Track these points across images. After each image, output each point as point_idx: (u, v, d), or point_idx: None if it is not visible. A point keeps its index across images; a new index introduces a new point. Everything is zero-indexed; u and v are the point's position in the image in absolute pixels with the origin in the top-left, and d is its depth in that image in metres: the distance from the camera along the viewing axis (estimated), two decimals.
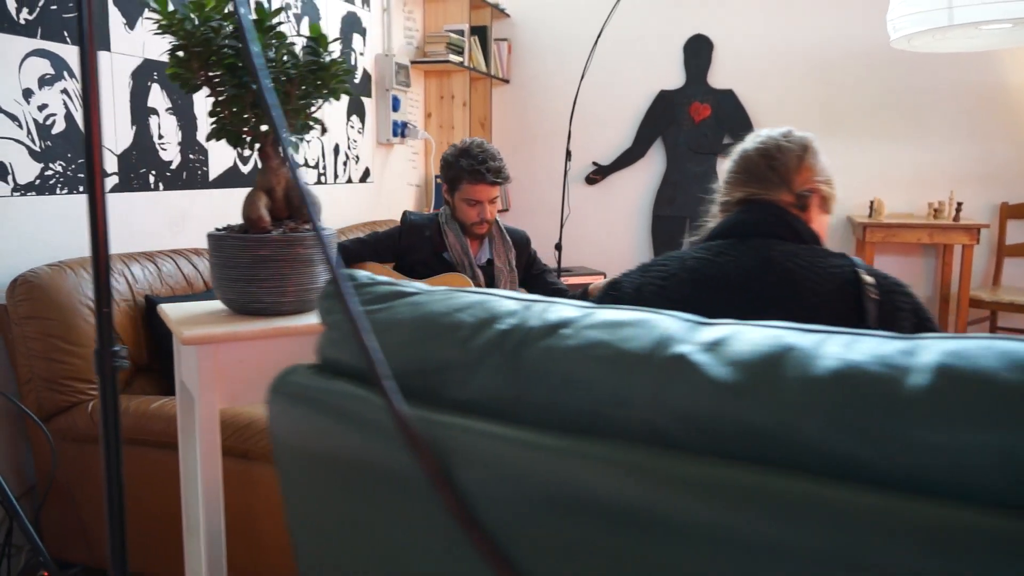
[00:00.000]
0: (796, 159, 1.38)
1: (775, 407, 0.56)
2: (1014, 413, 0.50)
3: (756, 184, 1.38)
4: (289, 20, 3.15)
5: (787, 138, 1.42)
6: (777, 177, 1.37)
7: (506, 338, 0.69)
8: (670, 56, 4.71)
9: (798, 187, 1.36)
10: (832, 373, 0.56)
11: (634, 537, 0.58)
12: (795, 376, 0.57)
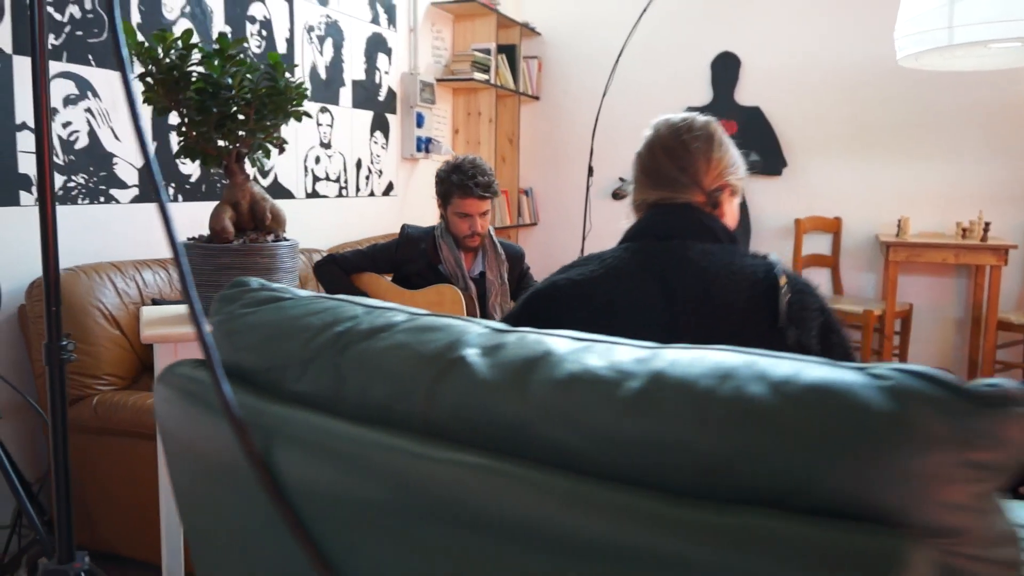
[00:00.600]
0: (704, 158, 1.34)
1: (521, 404, 0.64)
2: (701, 413, 0.57)
3: (667, 188, 1.34)
4: (313, 42, 3.31)
5: (691, 131, 1.37)
6: (687, 178, 1.33)
7: (339, 339, 0.78)
8: (698, 73, 4.74)
9: (709, 186, 1.34)
10: (569, 376, 0.63)
11: (410, 515, 0.66)
12: (541, 378, 0.64)
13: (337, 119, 3.51)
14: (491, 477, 0.62)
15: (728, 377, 0.58)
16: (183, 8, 2.64)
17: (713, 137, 1.37)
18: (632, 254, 1.30)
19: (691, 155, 1.34)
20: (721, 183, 1.35)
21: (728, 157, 1.38)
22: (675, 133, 1.37)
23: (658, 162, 1.37)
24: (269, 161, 1.56)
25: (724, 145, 1.38)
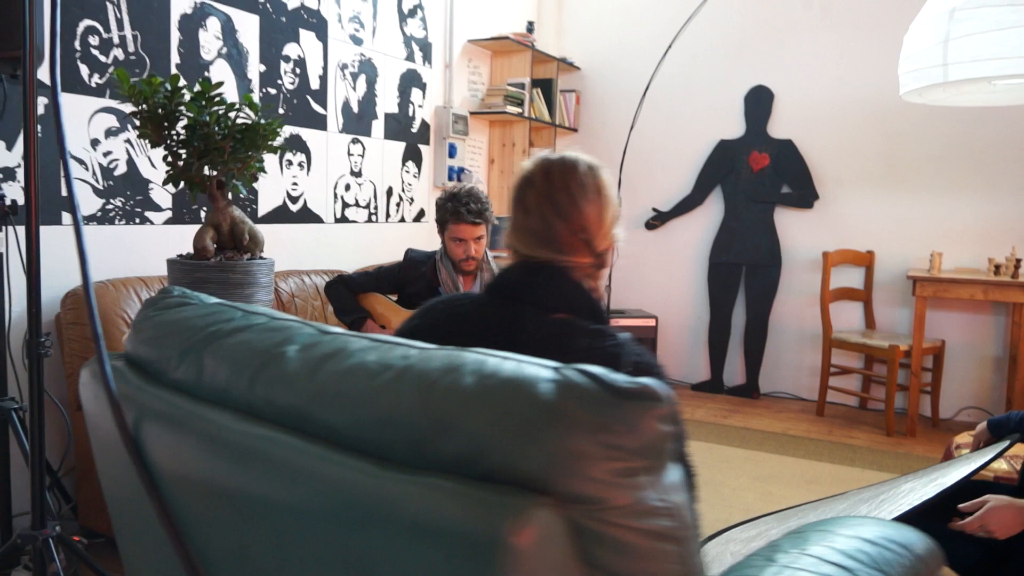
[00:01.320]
0: (597, 218, 1.20)
1: (309, 389, 0.79)
2: (422, 397, 0.71)
3: (546, 245, 1.19)
4: (346, 79, 3.56)
5: (581, 184, 1.20)
6: (579, 241, 1.18)
7: (209, 336, 0.95)
8: (731, 106, 4.80)
9: (600, 248, 1.21)
10: (348, 367, 0.78)
11: (234, 482, 0.81)
12: (329, 369, 0.79)
13: (368, 149, 3.75)
14: (283, 449, 0.76)
15: (454, 370, 0.72)
16: (220, 50, 2.92)
17: (603, 191, 1.22)
18: (477, 308, 1.19)
19: (585, 220, 1.19)
20: (609, 243, 1.22)
21: (614, 206, 1.24)
22: (567, 189, 1.20)
23: (547, 220, 1.19)
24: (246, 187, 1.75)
25: (612, 194, 1.24)
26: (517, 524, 0.59)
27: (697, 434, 3.89)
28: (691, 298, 5.01)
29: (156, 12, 2.66)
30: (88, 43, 2.45)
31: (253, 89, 3.08)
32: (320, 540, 0.72)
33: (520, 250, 1.24)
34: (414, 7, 3.99)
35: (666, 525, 0.66)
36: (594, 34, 5.20)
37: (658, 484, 0.66)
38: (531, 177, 1.23)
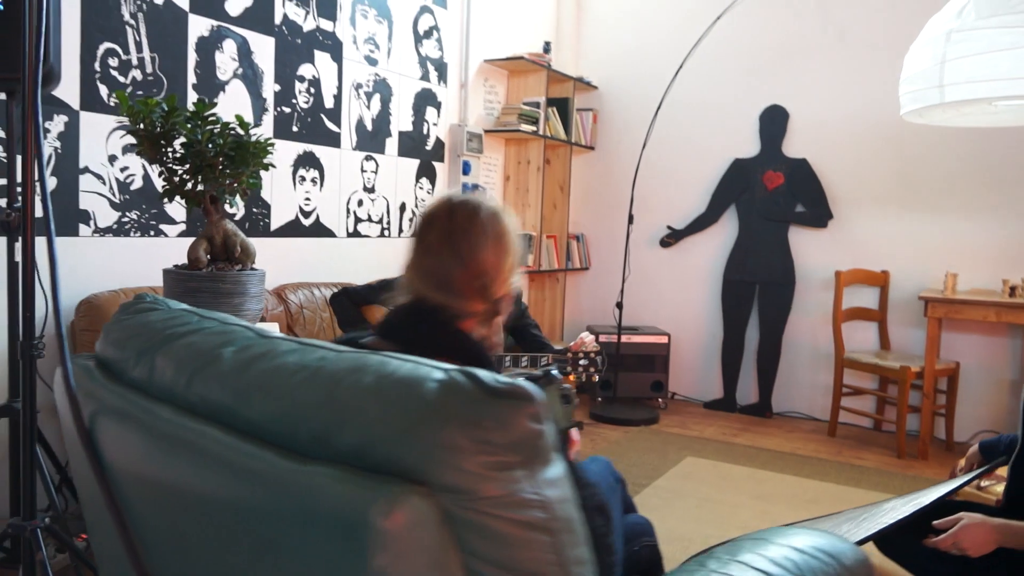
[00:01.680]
0: (495, 265, 1.16)
1: (237, 386, 0.86)
2: (328, 395, 0.77)
3: (439, 289, 1.15)
4: (360, 98, 3.68)
5: (483, 229, 1.16)
6: (475, 287, 1.15)
7: (164, 338, 1.03)
8: (746, 125, 4.83)
9: (496, 295, 1.18)
10: (271, 368, 0.85)
11: (170, 471, 0.89)
12: (257, 368, 0.86)
13: (382, 166, 3.86)
14: (209, 442, 0.84)
15: (359, 370, 0.78)
16: (235, 70, 3.05)
17: (503, 238, 1.18)
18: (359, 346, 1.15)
19: (484, 266, 1.15)
20: (507, 290, 1.19)
21: (514, 252, 1.20)
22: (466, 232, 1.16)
23: (444, 262, 1.16)
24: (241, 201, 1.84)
25: (513, 240, 1.20)
26: (387, 510, 0.65)
27: (703, 451, 3.90)
28: (705, 316, 5.01)
29: (174, 35, 2.80)
30: (108, 64, 2.59)
31: (268, 108, 3.20)
32: (238, 525, 0.79)
33: (416, 287, 1.19)
34: (430, 28, 4.10)
35: (539, 516, 0.72)
36: (612, 54, 5.27)
37: (534, 478, 0.72)
38: (434, 216, 1.20)
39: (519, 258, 1.22)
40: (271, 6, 3.17)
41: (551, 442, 0.74)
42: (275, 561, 0.74)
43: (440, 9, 4.16)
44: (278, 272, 3.28)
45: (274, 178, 3.26)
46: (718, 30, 4.69)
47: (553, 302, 5.17)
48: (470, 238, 1.16)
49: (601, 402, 4.78)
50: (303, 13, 3.33)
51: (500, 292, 1.19)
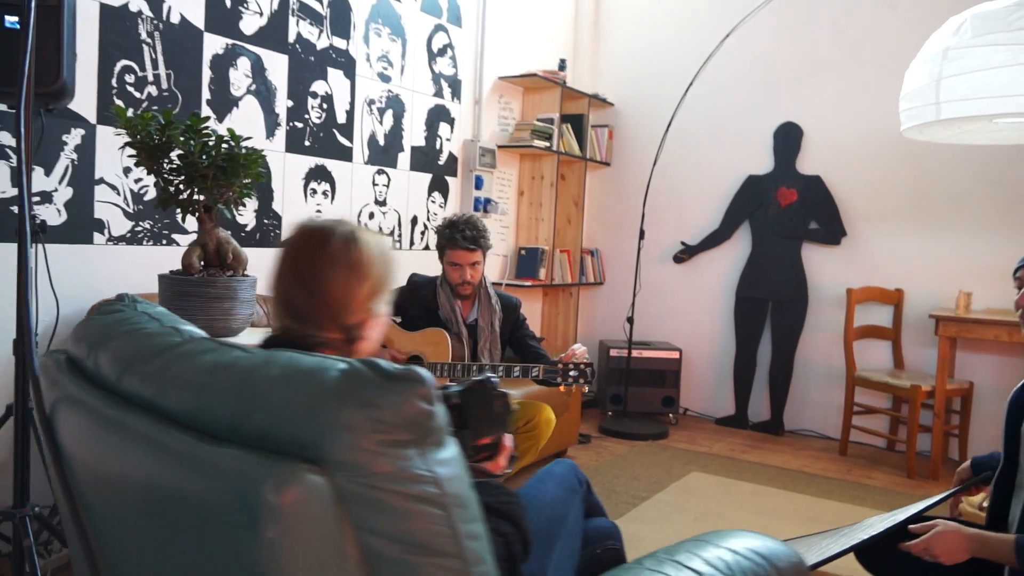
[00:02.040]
0: (344, 292, 1.15)
1: (162, 379, 0.93)
2: (242, 385, 0.84)
3: (293, 318, 1.17)
4: (373, 114, 3.78)
5: (330, 256, 1.16)
6: (324, 315, 1.15)
7: (115, 336, 1.10)
8: (760, 142, 4.84)
9: (348, 321, 1.17)
10: (193, 364, 0.92)
11: (108, 456, 0.96)
12: (181, 365, 0.93)
13: (394, 180, 3.95)
14: (137, 429, 0.90)
15: (268, 364, 0.85)
16: (249, 87, 3.17)
17: (358, 265, 1.17)
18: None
19: (328, 287, 1.15)
20: (362, 317, 1.18)
21: (376, 276, 1.19)
22: (312, 257, 1.15)
23: (289, 287, 1.17)
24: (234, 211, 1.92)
25: (372, 263, 1.19)
26: (279, 486, 0.71)
27: (709, 467, 3.90)
28: (718, 332, 5.01)
29: (189, 53, 2.93)
30: (124, 80, 2.72)
31: (280, 123, 3.31)
32: (158, 504, 0.85)
33: (277, 316, 1.21)
34: (444, 46, 4.20)
35: (431, 491, 0.77)
36: (628, 71, 5.33)
37: (425, 456, 0.77)
38: (286, 244, 1.20)
39: (382, 283, 1.20)
40: (285, 25, 3.29)
41: (443, 424, 0.80)
42: (188, 538, 0.80)
43: (455, 28, 4.26)
44: None
45: (285, 190, 3.36)
46: (733, 47, 4.72)
47: (566, 316, 5.21)
48: (315, 266, 1.15)
49: (611, 416, 4.79)
50: (317, 31, 3.44)
51: (355, 319, 1.17)
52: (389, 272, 1.22)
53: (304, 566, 0.71)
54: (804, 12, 4.67)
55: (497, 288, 3.04)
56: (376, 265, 1.19)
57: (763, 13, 4.66)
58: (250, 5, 3.14)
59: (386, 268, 1.21)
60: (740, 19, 4.38)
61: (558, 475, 1.60)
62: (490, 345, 2.85)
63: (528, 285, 4.75)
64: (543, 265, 4.80)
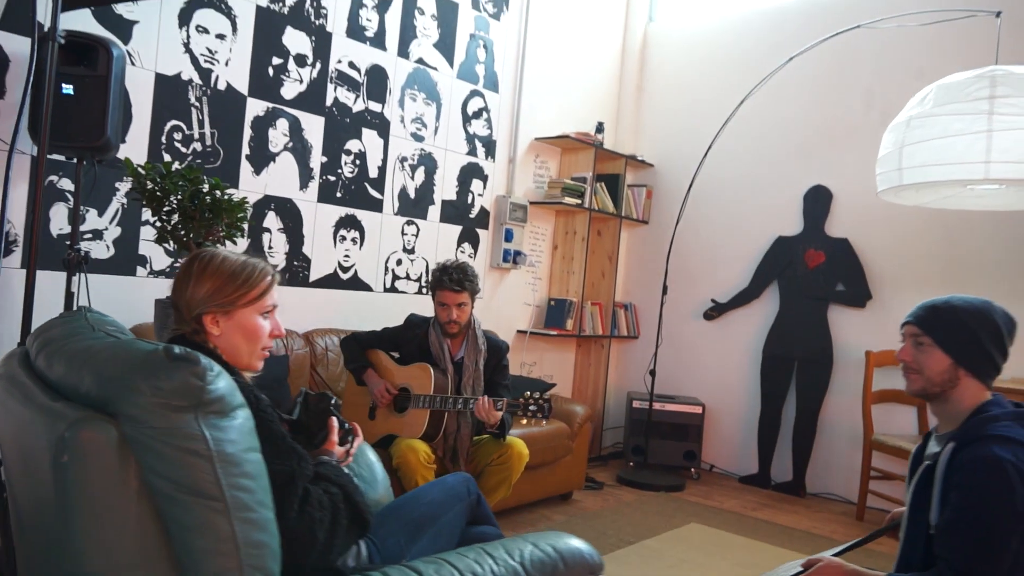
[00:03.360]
0: (180, 294, 1.53)
1: (48, 361, 1.23)
2: (93, 359, 1.13)
3: (175, 321, 1.56)
4: (404, 170, 4.16)
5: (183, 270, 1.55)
6: (177, 313, 1.54)
7: (46, 330, 1.42)
8: (790, 203, 4.93)
9: (189, 315, 1.52)
10: (71, 348, 1.22)
11: (33, 444, 1.27)
12: (67, 347, 1.23)
13: (423, 230, 4.29)
14: (20, 393, 1.20)
15: (113, 347, 1.14)
16: (286, 144, 3.60)
17: (190, 274, 1.53)
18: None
19: (178, 291, 1.53)
20: (198, 311, 1.51)
21: (212, 286, 1.52)
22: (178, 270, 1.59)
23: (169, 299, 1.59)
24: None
25: (212, 274, 1.52)
26: (74, 427, 0.99)
27: (711, 520, 3.94)
28: (744, 389, 5.04)
29: (233, 114, 3.38)
30: (173, 137, 3.18)
31: (314, 176, 3.72)
32: (24, 452, 1.14)
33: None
34: (479, 110, 4.57)
35: (200, 447, 1.03)
36: (668, 133, 5.54)
37: (202, 420, 1.04)
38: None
39: (220, 289, 1.52)
40: (323, 91, 3.73)
41: (222, 399, 1.06)
42: (37, 479, 1.09)
43: (491, 93, 4.63)
44: (313, 319, 3.74)
45: (315, 236, 3.75)
46: (769, 112, 4.89)
47: (597, 367, 5.36)
48: (176, 281, 1.56)
49: (632, 467, 4.88)
50: (353, 96, 3.87)
51: (189, 315, 1.52)
52: (230, 281, 1.53)
53: (91, 489, 0.99)
54: (838, 79, 4.78)
55: (490, 333, 3.29)
56: (215, 276, 1.52)
57: (798, 80, 4.81)
58: (291, 74, 3.59)
59: (227, 278, 1.54)
60: (774, 84, 4.53)
61: (447, 483, 1.81)
62: (473, 381, 3.09)
63: (554, 334, 4.96)
64: (571, 316, 5.00)
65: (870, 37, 4.52)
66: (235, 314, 1.54)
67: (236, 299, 1.53)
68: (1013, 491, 1.59)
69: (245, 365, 1.54)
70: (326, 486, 1.40)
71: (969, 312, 1.82)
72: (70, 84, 2.53)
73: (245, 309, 1.54)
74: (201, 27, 3.24)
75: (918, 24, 4.15)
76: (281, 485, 1.28)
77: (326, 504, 1.34)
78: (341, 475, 1.47)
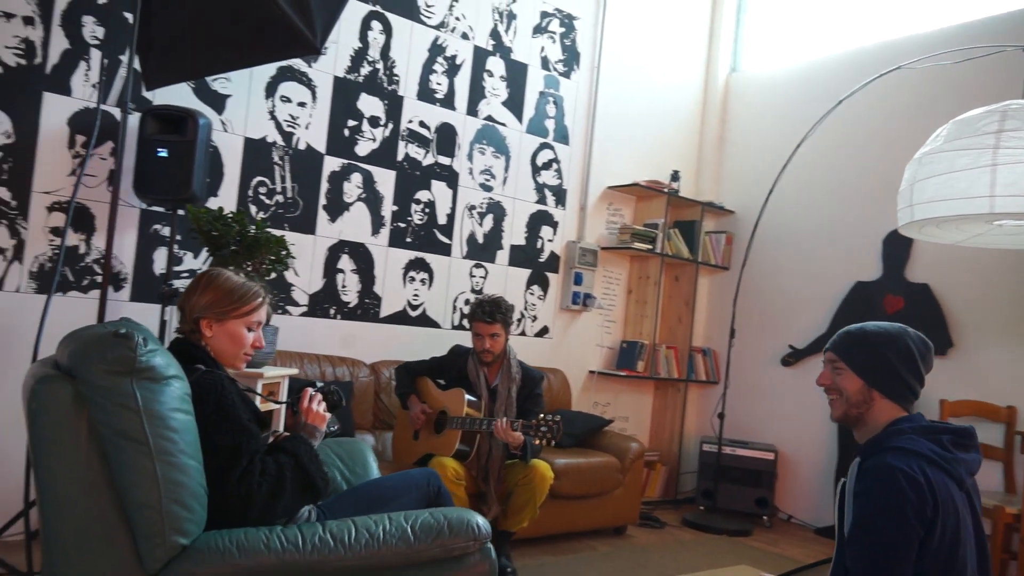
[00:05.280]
0: (185, 302, 1.88)
1: (61, 347, 1.63)
2: (75, 344, 1.51)
3: (178, 323, 1.90)
4: (473, 217, 4.52)
5: (192, 282, 1.92)
6: (181, 315, 1.87)
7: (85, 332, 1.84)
8: (869, 248, 4.84)
9: (190, 318, 1.87)
10: (78, 336, 1.61)
11: None
12: (73, 338, 1.63)
13: (491, 273, 4.61)
14: (46, 372, 1.61)
15: (96, 329, 1.51)
16: (359, 195, 4.06)
17: (197, 287, 1.90)
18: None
19: (185, 295, 1.91)
20: (195, 315, 1.86)
21: (211, 297, 1.87)
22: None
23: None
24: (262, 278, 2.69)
25: (212, 288, 1.88)
26: (41, 383, 1.36)
27: (765, 564, 3.89)
28: (823, 438, 4.91)
29: (311, 170, 3.89)
30: (258, 191, 3.72)
31: (385, 223, 4.15)
32: None
33: None
34: (549, 161, 4.88)
35: (131, 404, 1.37)
36: (748, 180, 5.59)
37: (136, 384, 1.38)
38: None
39: (217, 301, 1.87)
40: (395, 148, 4.18)
41: (153, 368, 1.39)
42: None
43: (561, 145, 4.93)
44: (381, 351, 4.12)
45: (385, 277, 4.17)
46: (847, 156, 4.88)
47: (673, 411, 5.41)
48: (187, 287, 1.93)
49: (701, 510, 4.87)
50: (423, 152, 4.30)
51: (191, 317, 1.87)
52: (231, 297, 1.89)
53: (50, 431, 1.35)
54: (918, 123, 4.69)
55: (526, 364, 3.52)
56: (216, 290, 1.88)
57: (878, 124, 4.78)
58: (365, 134, 4.07)
59: (225, 293, 1.89)
60: (851, 127, 4.55)
61: (410, 474, 2.07)
62: (505, 407, 3.32)
63: (623, 375, 5.09)
64: (642, 358, 5.12)
65: (944, 73, 4.45)
66: (226, 323, 1.88)
67: (229, 311, 1.89)
68: (904, 499, 1.64)
69: (229, 364, 1.89)
70: (278, 456, 1.72)
71: (880, 336, 1.89)
72: (165, 148, 3.09)
73: (235, 320, 1.89)
74: (285, 97, 3.79)
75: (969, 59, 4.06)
76: (226, 455, 1.60)
77: (271, 472, 1.65)
78: (301, 447, 1.78)
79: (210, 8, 2.51)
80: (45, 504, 1.33)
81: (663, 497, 5.26)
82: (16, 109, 3.12)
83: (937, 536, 1.66)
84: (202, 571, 1.39)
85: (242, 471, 1.60)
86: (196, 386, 1.64)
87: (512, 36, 4.66)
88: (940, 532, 1.66)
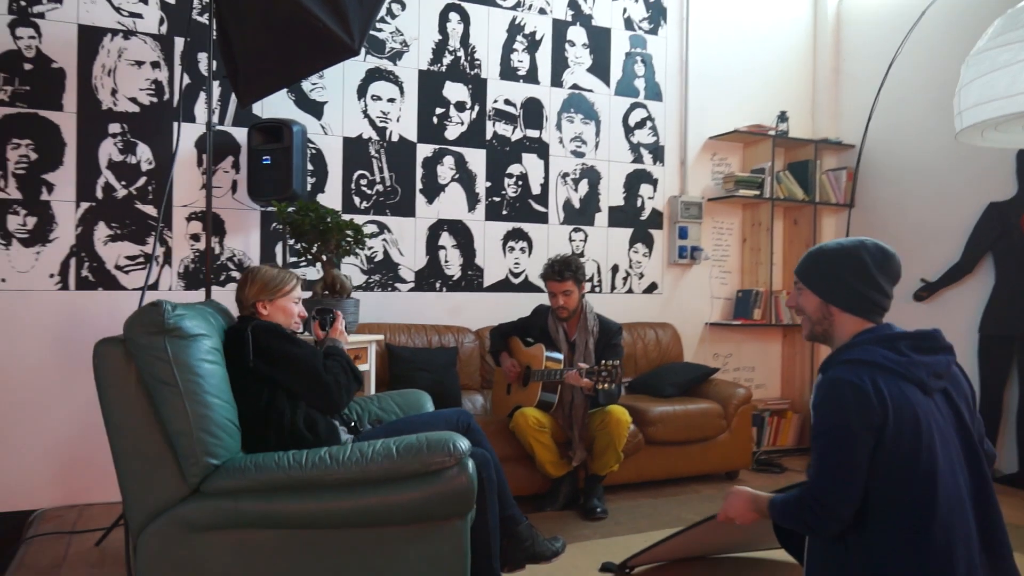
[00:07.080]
0: (240, 291, 2.41)
1: None
2: None
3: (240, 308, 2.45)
4: (567, 184, 4.72)
5: (243, 278, 2.45)
6: (240, 304, 2.42)
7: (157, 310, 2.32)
8: (1002, 165, 4.45)
9: (247, 304, 2.40)
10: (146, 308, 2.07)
11: None
12: (140, 311, 2.09)
13: (591, 236, 4.79)
14: None
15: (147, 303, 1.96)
16: (453, 176, 4.40)
17: (245, 278, 2.42)
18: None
19: (238, 289, 2.44)
20: (253, 300, 2.39)
21: (260, 285, 2.39)
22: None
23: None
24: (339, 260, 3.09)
25: (258, 279, 2.41)
26: (104, 346, 1.81)
27: None
28: None
29: (406, 159, 4.28)
30: (360, 184, 4.17)
31: (480, 200, 4.47)
32: None
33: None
34: (642, 120, 4.95)
35: (163, 355, 1.79)
36: (868, 112, 5.29)
37: (167, 340, 1.79)
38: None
39: (265, 288, 2.40)
40: (483, 128, 4.48)
41: (183, 329, 1.80)
42: None
43: (654, 103, 4.98)
44: (486, 317, 4.44)
45: (485, 249, 4.49)
46: None
47: (803, 357, 5.28)
48: (237, 284, 2.47)
49: None
50: (511, 128, 4.56)
51: (248, 303, 2.40)
52: (272, 283, 2.43)
53: (114, 377, 1.79)
54: None
55: (603, 317, 3.69)
56: (258, 282, 2.42)
57: None
58: (453, 119, 4.40)
59: (266, 282, 2.43)
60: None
61: (443, 412, 2.39)
62: (584, 358, 3.52)
63: (738, 324, 5.05)
64: (758, 306, 5.05)
65: None
66: (276, 301, 2.45)
67: (276, 293, 2.44)
68: (847, 408, 1.68)
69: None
70: (336, 358, 2.32)
71: (834, 252, 1.91)
72: (267, 156, 3.60)
73: (281, 299, 2.41)
74: (375, 96, 4.21)
75: None
76: (307, 359, 2.19)
77: (339, 367, 2.29)
78: (344, 354, 2.42)
79: (268, 33, 2.93)
80: (111, 433, 1.78)
81: (797, 445, 5.17)
82: (154, 140, 3.77)
83: (890, 441, 1.68)
84: (230, 484, 1.78)
85: (324, 366, 2.18)
86: (257, 329, 2.20)
87: (591, 4, 4.78)
88: (894, 437, 1.68)
